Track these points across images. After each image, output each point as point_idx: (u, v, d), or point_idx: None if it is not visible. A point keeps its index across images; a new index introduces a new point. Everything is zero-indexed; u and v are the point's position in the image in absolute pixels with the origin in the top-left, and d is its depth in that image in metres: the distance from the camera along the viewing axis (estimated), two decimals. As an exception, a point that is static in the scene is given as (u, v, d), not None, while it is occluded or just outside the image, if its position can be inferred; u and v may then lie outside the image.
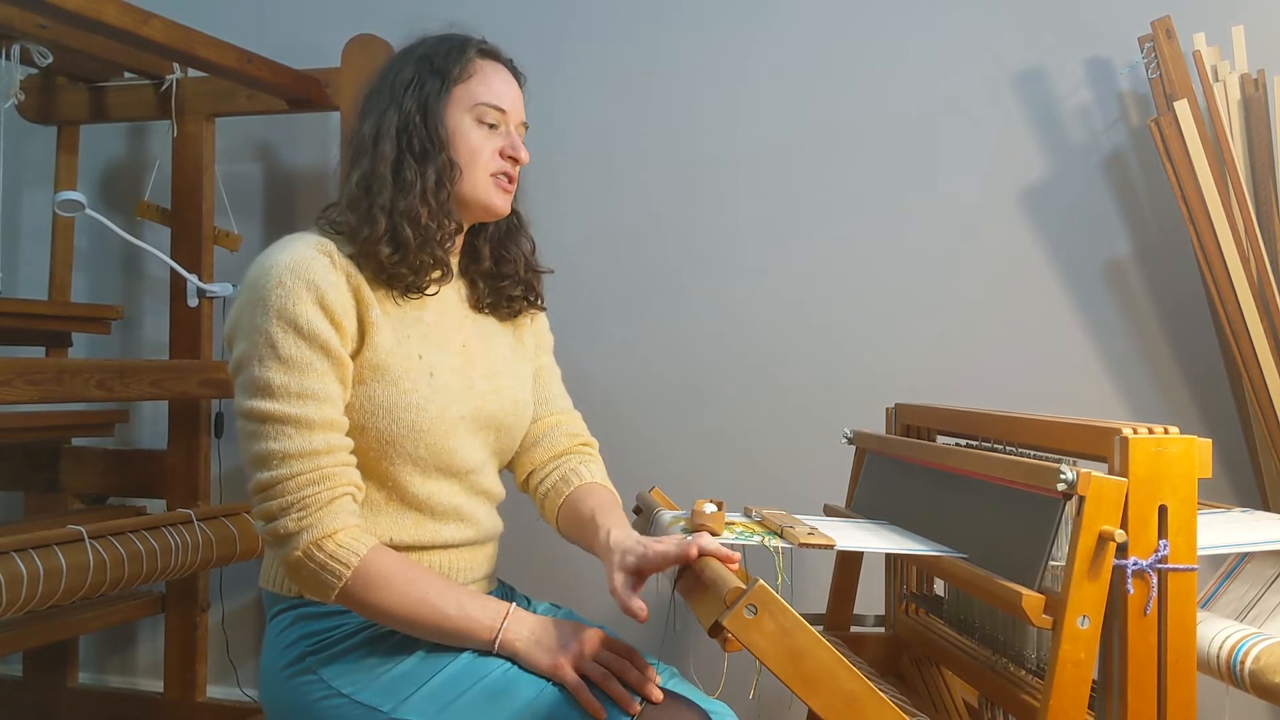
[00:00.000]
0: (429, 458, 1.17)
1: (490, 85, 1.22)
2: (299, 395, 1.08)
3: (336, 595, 1.07)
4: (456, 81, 1.20)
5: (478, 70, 1.22)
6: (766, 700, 1.98)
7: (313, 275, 1.10)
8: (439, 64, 1.20)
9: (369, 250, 1.14)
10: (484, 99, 1.21)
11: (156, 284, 2.46)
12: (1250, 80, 1.75)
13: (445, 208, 1.19)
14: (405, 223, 1.15)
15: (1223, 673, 1.01)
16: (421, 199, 1.16)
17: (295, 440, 1.07)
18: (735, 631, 0.89)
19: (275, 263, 1.11)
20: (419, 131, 1.18)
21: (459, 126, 1.20)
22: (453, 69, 1.20)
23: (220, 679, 2.34)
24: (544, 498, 1.34)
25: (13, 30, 1.92)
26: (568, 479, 1.32)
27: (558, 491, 1.32)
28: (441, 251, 1.19)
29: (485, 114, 1.21)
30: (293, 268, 1.10)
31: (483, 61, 1.23)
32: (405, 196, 1.16)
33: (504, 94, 1.23)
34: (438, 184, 1.17)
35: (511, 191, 1.25)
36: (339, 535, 1.07)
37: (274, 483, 1.07)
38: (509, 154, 1.22)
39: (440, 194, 1.18)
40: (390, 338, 1.16)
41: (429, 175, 1.17)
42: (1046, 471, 1.00)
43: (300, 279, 1.10)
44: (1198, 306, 1.89)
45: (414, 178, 1.17)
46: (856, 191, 2.08)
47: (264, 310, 1.09)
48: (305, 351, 1.09)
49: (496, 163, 1.22)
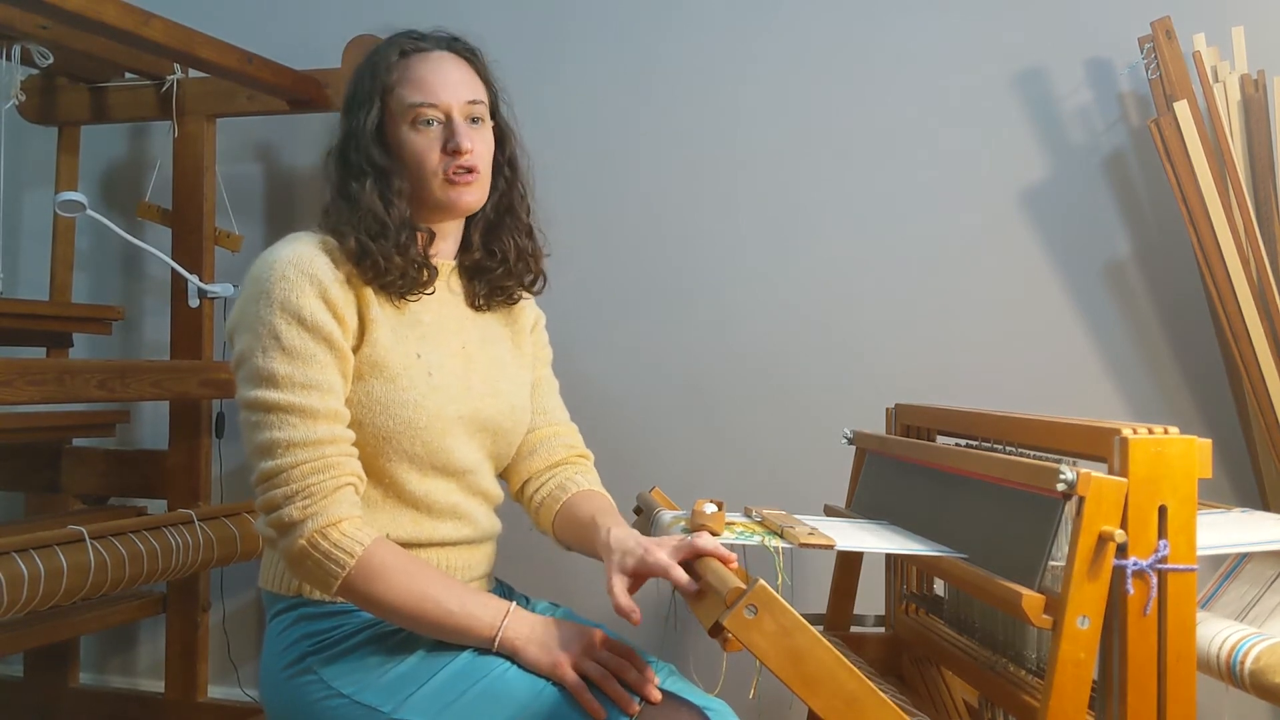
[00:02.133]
0: (425, 456, 1.18)
1: (418, 84, 1.19)
2: (303, 385, 1.09)
3: (339, 587, 1.07)
4: (388, 92, 1.19)
5: (403, 72, 1.20)
6: (766, 700, 1.98)
7: (315, 270, 1.12)
8: (371, 78, 1.20)
9: (351, 260, 1.16)
10: (412, 100, 1.18)
11: (157, 284, 2.46)
12: (1250, 81, 1.75)
13: (403, 217, 1.18)
14: (368, 238, 1.15)
15: (1223, 673, 1.01)
16: (373, 215, 1.17)
17: (299, 429, 1.08)
18: (735, 631, 0.89)
19: (279, 257, 1.13)
20: (358, 150, 1.19)
21: (398, 136, 1.19)
22: (383, 79, 1.20)
23: (221, 679, 2.34)
24: (539, 505, 1.33)
25: (13, 30, 1.92)
26: (564, 486, 1.32)
27: (554, 498, 1.31)
28: (416, 254, 1.19)
29: (419, 115, 1.18)
30: (296, 262, 1.12)
31: (407, 60, 1.21)
32: (356, 211, 1.17)
33: (433, 86, 1.19)
34: (382, 198, 1.17)
35: (472, 182, 1.20)
36: (343, 524, 1.07)
37: (278, 471, 1.07)
38: (450, 148, 1.18)
39: (392, 208, 1.17)
40: (389, 336, 1.17)
41: (370, 193, 1.17)
42: (1046, 471, 1.00)
43: (304, 273, 1.11)
44: (1198, 306, 1.89)
45: (359, 195, 1.17)
46: (857, 192, 2.08)
47: (267, 302, 1.10)
48: (309, 343, 1.10)
49: (443, 161, 1.19)
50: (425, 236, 1.22)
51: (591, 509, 1.25)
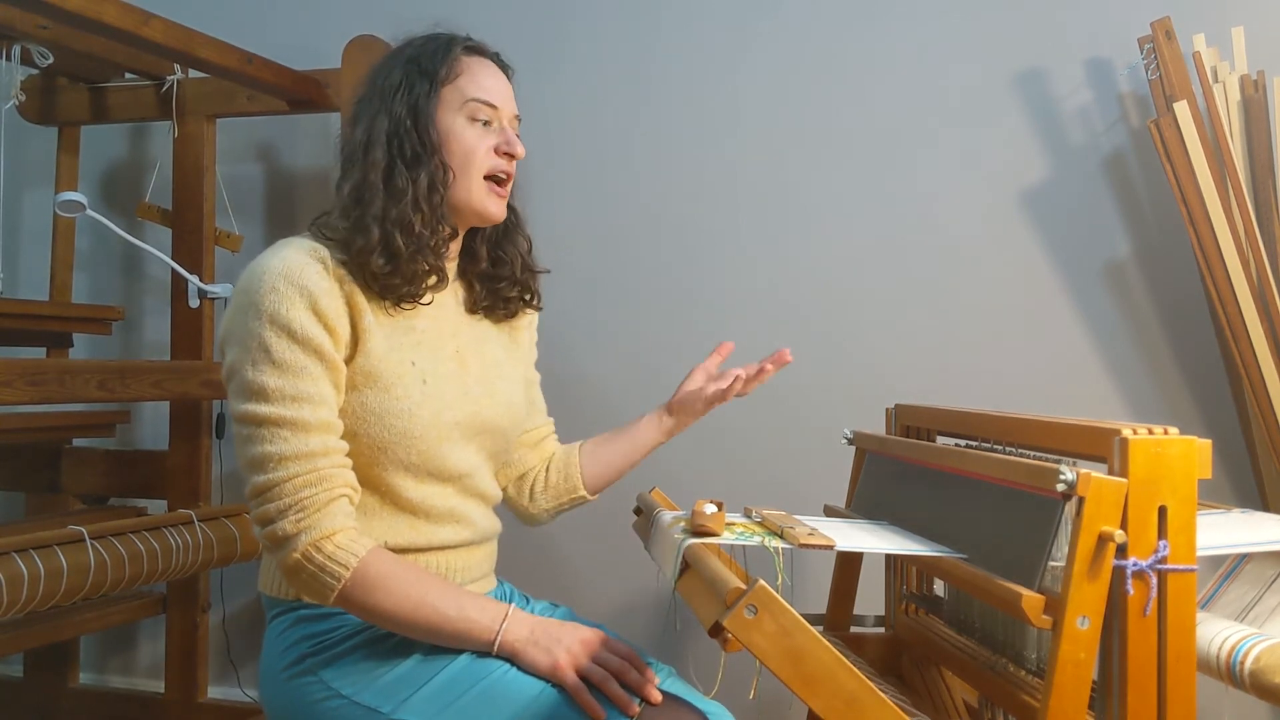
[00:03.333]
0: (421, 464, 1.17)
1: (479, 81, 1.20)
2: (294, 398, 1.07)
3: (335, 598, 1.07)
4: (445, 81, 1.18)
5: (465, 68, 1.20)
6: (766, 700, 1.98)
7: (305, 280, 1.09)
8: (426, 65, 1.18)
9: (362, 261, 1.13)
10: (474, 95, 1.19)
11: (157, 285, 2.46)
12: (1250, 81, 1.75)
13: (439, 213, 1.17)
14: (398, 231, 1.13)
15: (1223, 673, 1.01)
16: (414, 206, 1.14)
17: (291, 443, 1.07)
18: (735, 632, 0.89)
19: (267, 268, 1.10)
20: (410, 136, 1.16)
21: (451, 127, 1.18)
22: (440, 69, 1.18)
23: (221, 679, 2.34)
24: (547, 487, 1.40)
25: (13, 30, 1.92)
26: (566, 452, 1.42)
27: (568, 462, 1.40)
28: (436, 258, 1.18)
29: (477, 111, 1.19)
30: (285, 273, 1.09)
31: (469, 58, 1.21)
32: (397, 204, 1.14)
33: (494, 89, 1.21)
34: (430, 189, 1.16)
35: (505, 196, 1.23)
36: (337, 537, 1.07)
37: (271, 485, 1.06)
38: (504, 150, 1.20)
39: (433, 199, 1.16)
40: (383, 345, 1.15)
41: (421, 181, 1.15)
42: (1046, 472, 1.00)
43: (293, 284, 1.09)
44: (1198, 306, 1.89)
45: (405, 184, 1.15)
46: (857, 191, 2.08)
47: (256, 315, 1.08)
48: (299, 355, 1.08)
49: (492, 160, 1.20)
50: (450, 237, 1.22)
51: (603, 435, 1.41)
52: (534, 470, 1.41)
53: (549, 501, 1.40)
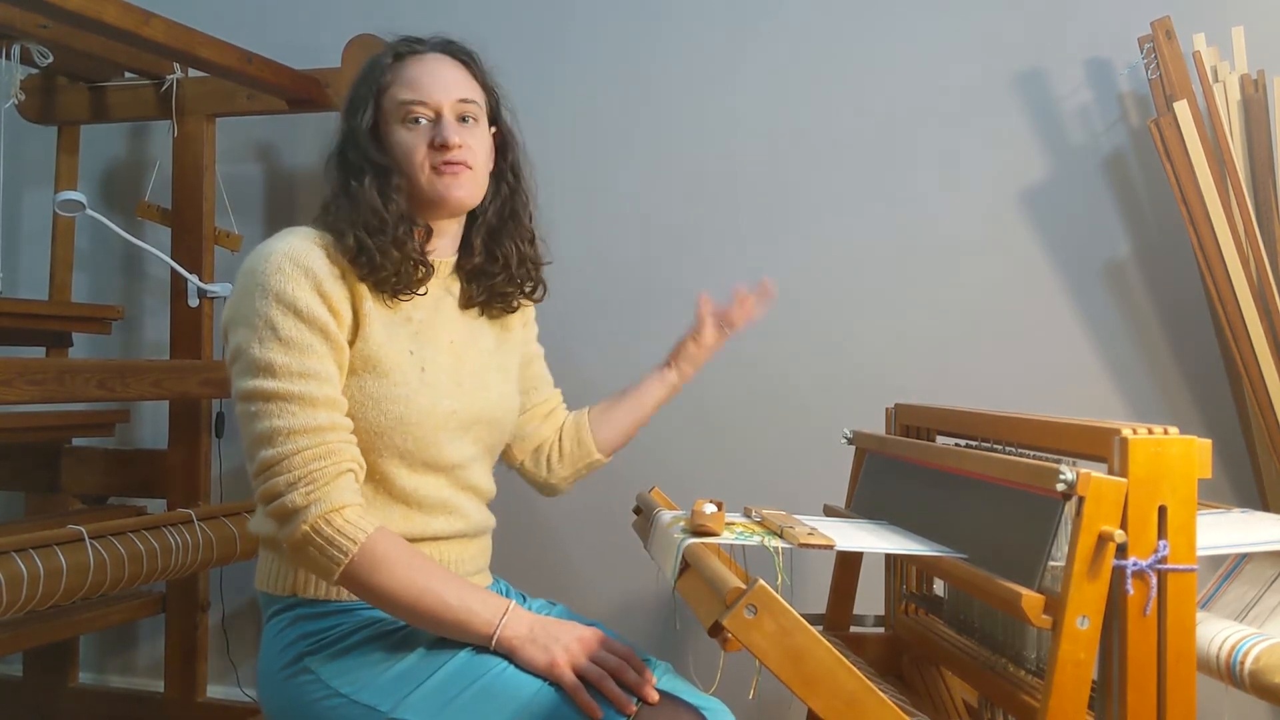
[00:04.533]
0: (415, 451, 1.18)
1: (408, 82, 1.21)
2: (300, 374, 1.09)
3: (340, 574, 1.07)
4: (383, 92, 1.22)
5: (396, 74, 1.23)
6: (766, 700, 1.98)
7: (310, 263, 1.13)
8: (367, 83, 1.23)
9: (347, 259, 1.17)
10: (402, 98, 1.21)
11: (157, 284, 2.46)
12: (1250, 81, 1.75)
13: (401, 211, 1.20)
14: (366, 234, 1.17)
15: (1223, 673, 1.01)
16: (373, 211, 1.18)
17: (300, 416, 1.08)
18: (735, 631, 0.89)
19: (274, 250, 1.14)
20: (356, 150, 1.21)
21: (390, 135, 1.21)
22: (376, 82, 1.22)
23: (220, 679, 2.34)
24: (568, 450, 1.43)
25: (13, 30, 1.92)
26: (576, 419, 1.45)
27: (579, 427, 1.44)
28: (413, 249, 1.20)
29: (409, 112, 1.20)
30: (291, 255, 1.13)
31: (401, 63, 1.23)
32: (356, 209, 1.18)
33: (424, 84, 1.21)
34: (381, 194, 1.19)
35: (460, 174, 1.21)
36: (346, 511, 1.07)
37: (280, 459, 1.07)
38: (437, 143, 1.20)
39: (390, 204, 1.19)
40: (382, 332, 1.17)
41: (369, 188, 1.19)
42: (1046, 472, 1.00)
43: (299, 265, 1.12)
44: (1198, 306, 1.89)
45: (359, 192, 1.19)
46: (856, 191, 2.08)
47: (263, 295, 1.11)
48: (305, 333, 1.11)
49: (430, 156, 1.20)
50: (423, 232, 1.23)
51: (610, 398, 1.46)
52: (548, 441, 1.44)
53: (566, 469, 1.44)
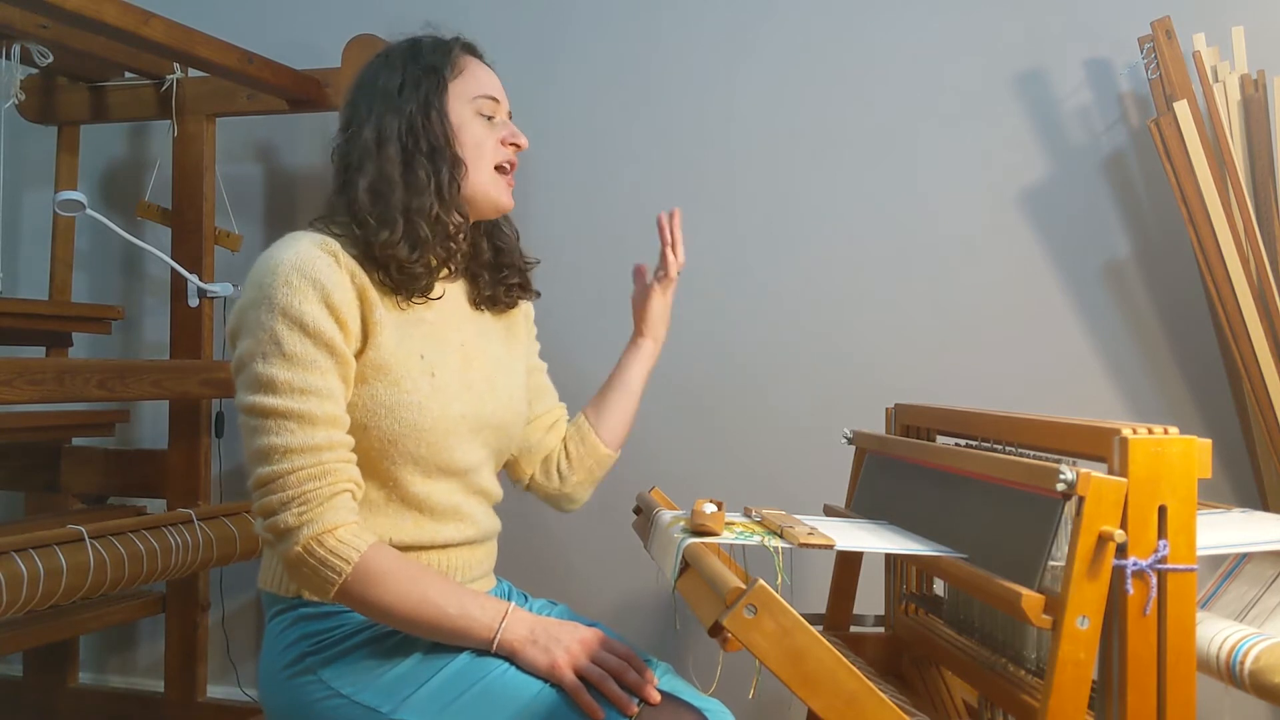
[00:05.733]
0: (429, 457, 1.18)
1: (480, 79, 1.26)
2: (302, 391, 1.08)
3: (336, 592, 1.07)
4: (451, 78, 1.23)
5: (467, 65, 1.25)
6: (766, 700, 1.98)
7: (318, 273, 1.11)
8: (430, 63, 1.22)
9: (387, 253, 1.15)
10: (480, 92, 1.24)
11: (157, 284, 2.46)
12: (1250, 81, 1.75)
13: (456, 202, 1.21)
14: (422, 221, 1.17)
15: (1222, 673, 1.01)
16: (436, 195, 1.18)
17: (298, 435, 1.07)
18: (735, 631, 0.89)
19: (281, 260, 1.11)
20: (424, 130, 1.19)
21: (461, 121, 1.22)
22: (445, 67, 1.22)
23: (221, 679, 2.34)
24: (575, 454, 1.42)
25: (13, 30, 1.92)
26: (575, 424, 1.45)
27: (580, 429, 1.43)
28: (455, 245, 1.22)
29: (483, 106, 1.24)
30: (298, 265, 1.11)
31: (468, 57, 1.27)
32: (418, 196, 1.17)
33: (495, 86, 1.27)
34: (450, 180, 1.20)
35: (513, 186, 1.28)
36: (339, 531, 1.07)
37: (275, 477, 1.07)
38: (510, 140, 1.26)
39: (452, 189, 1.20)
40: (393, 337, 1.17)
41: (442, 172, 1.19)
42: (1046, 471, 1.00)
43: (306, 277, 1.10)
44: (1198, 306, 1.89)
45: (426, 176, 1.18)
46: (856, 192, 2.08)
47: (269, 308, 1.10)
48: (309, 349, 1.09)
49: (500, 152, 1.25)
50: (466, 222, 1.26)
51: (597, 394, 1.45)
52: (554, 450, 1.44)
53: (577, 473, 1.43)
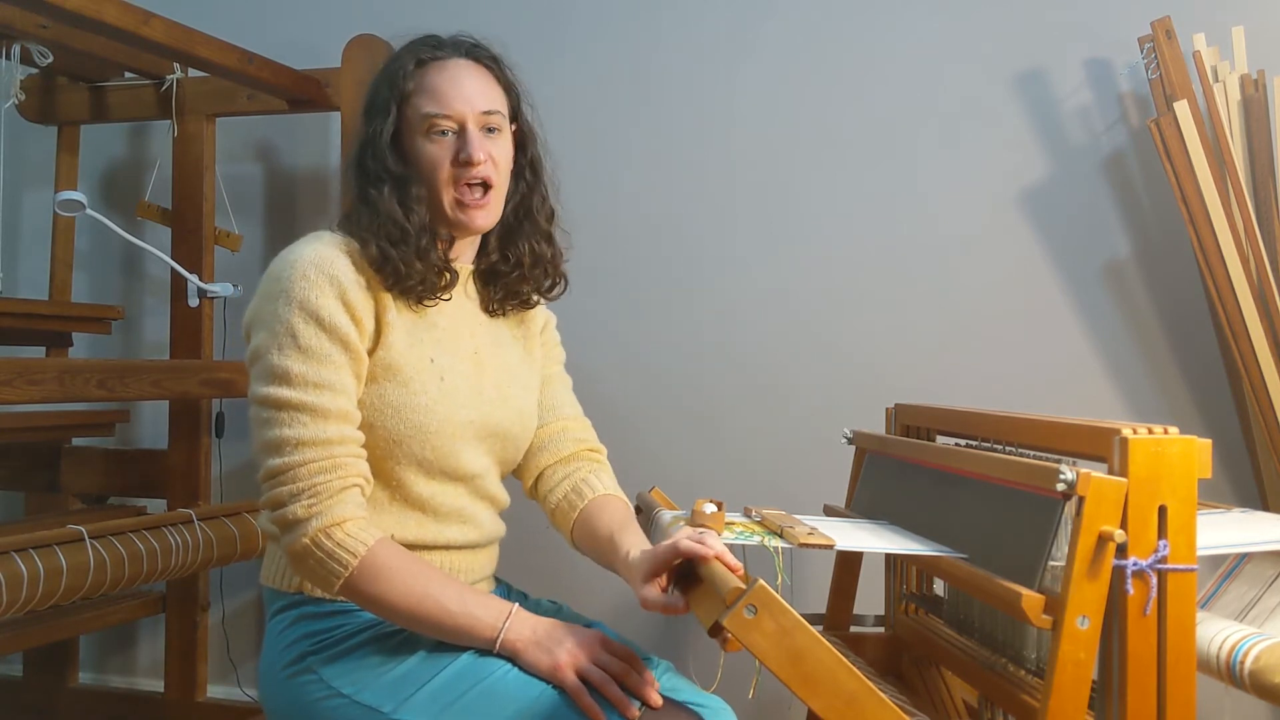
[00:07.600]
0: (434, 460, 1.18)
1: (433, 94, 1.18)
2: (316, 384, 1.09)
3: (340, 586, 1.07)
4: (405, 101, 1.20)
5: (419, 81, 1.20)
6: (766, 700, 1.98)
7: (336, 271, 1.13)
8: (388, 88, 1.20)
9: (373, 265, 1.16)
10: (427, 110, 1.18)
11: (157, 284, 2.46)
12: (1250, 81, 1.75)
13: (423, 221, 1.18)
14: (388, 244, 1.16)
15: (1222, 673, 1.01)
16: (393, 222, 1.17)
17: (310, 428, 1.08)
18: (735, 631, 0.89)
19: (300, 256, 1.13)
20: (375, 158, 1.19)
21: (413, 146, 1.20)
22: (398, 89, 1.19)
23: (220, 679, 2.34)
24: (555, 508, 1.32)
25: (13, 30, 1.92)
26: (580, 491, 1.30)
27: (570, 504, 1.30)
28: (436, 259, 1.19)
29: (434, 125, 1.18)
30: (317, 262, 1.12)
31: (423, 69, 1.20)
32: (378, 219, 1.17)
33: (448, 97, 1.18)
34: (401, 204, 1.18)
35: (486, 204, 1.20)
36: (347, 525, 1.07)
37: (285, 469, 1.07)
38: (461, 159, 1.18)
39: (411, 214, 1.17)
40: (404, 339, 1.17)
41: (390, 199, 1.17)
42: (1046, 471, 1.00)
43: (324, 273, 1.12)
44: (1198, 306, 1.89)
45: (378, 201, 1.18)
46: (856, 191, 2.08)
47: (286, 301, 1.11)
48: (325, 343, 1.10)
49: (453, 172, 1.18)
50: (445, 242, 1.23)
51: (610, 525, 1.23)
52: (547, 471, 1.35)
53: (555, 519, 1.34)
